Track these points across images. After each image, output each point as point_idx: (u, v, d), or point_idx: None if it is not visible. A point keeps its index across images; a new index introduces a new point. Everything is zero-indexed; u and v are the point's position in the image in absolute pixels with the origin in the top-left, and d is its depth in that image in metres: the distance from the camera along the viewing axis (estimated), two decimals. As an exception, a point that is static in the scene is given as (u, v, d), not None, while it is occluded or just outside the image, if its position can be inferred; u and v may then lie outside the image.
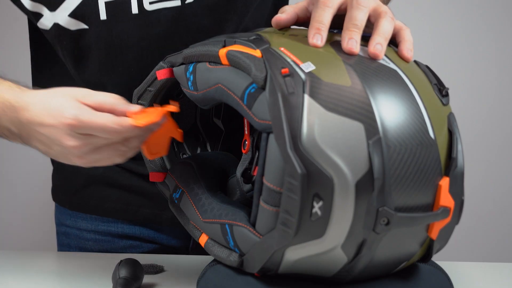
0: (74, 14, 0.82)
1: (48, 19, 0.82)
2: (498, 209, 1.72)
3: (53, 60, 0.91)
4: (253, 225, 0.63)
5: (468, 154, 1.50)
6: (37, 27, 0.86)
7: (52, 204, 1.03)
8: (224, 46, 0.67)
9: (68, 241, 0.99)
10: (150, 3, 0.82)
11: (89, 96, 0.68)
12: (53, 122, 0.68)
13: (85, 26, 0.82)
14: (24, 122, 0.71)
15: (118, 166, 0.93)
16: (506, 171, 1.72)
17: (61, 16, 0.82)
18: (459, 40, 1.71)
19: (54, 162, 1.00)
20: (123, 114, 0.68)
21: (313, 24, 0.64)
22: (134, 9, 0.82)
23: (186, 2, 0.83)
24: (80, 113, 0.67)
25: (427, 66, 0.68)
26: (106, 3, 0.81)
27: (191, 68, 0.72)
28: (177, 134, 0.78)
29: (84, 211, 0.97)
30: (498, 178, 1.72)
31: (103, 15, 0.82)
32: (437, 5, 1.70)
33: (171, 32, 0.84)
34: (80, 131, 0.67)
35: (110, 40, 0.83)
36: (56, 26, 0.83)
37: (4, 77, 0.77)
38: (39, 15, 0.83)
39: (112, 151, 0.70)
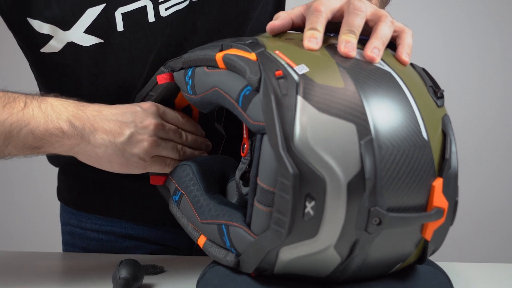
0: (89, 30, 0.80)
1: (60, 40, 0.80)
2: (498, 209, 1.72)
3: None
4: (249, 225, 0.63)
5: (469, 155, 1.50)
6: (36, 56, 0.83)
7: (57, 204, 1.05)
8: (221, 50, 0.68)
9: (73, 241, 1.00)
10: (166, 9, 0.81)
11: None
12: (137, 108, 0.77)
13: (100, 40, 0.81)
14: (90, 115, 0.74)
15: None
16: (506, 171, 1.71)
17: (76, 34, 0.80)
18: (459, 42, 1.70)
19: (59, 162, 1.00)
20: None
21: (307, 30, 0.65)
22: (151, 18, 0.81)
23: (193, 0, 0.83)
24: (160, 106, 0.80)
25: (423, 69, 0.68)
26: (123, 14, 0.80)
27: (190, 73, 0.73)
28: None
29: (89, 211, 0.98)
30: (498, 179, 1.72)
31: (120, 27, 0.80)
32: (438, 6, 1.70)
33: (181, 32, 0.84)
34: (162, 115, 0.79)
35: (128, 50, 0.82)
36: (70, 45, 0.80)
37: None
38: (48, 38, 0.80)
39: (172, 148, 0.79)
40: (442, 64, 1.71)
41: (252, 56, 0.63)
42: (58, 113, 0.73)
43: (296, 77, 0.59)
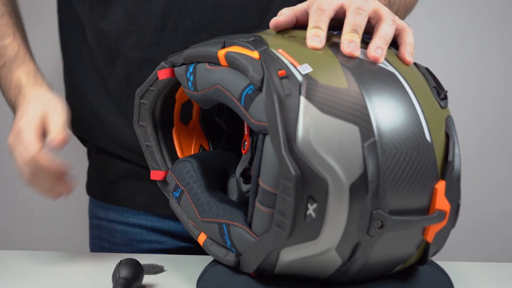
0: None
1: None
2: (498, 209, 1.71)
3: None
4: (249, 225, 0.63)
5: (469, 155, 1.49)
6: None
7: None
8: (223, 47, 0.67)
9: (100, 234, 1.00)
10: None
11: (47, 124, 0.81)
12: (23, 133, 0.80)
13: None
14: (18, 104, 0.85)
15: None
16: (507, 172, 1.71)
17: None
18: (459, 42, 1.70)
19: (90, 157, 1.03)
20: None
21: (310, 28, 0.65)
22: None
23: None
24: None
25: (426, 69, 0.68)
26: None
27: (191, 69, 0.72)
28: (206, 142, 0.86)
29: (116, 203, 0.98)
30: (498, 178, 1.71)
31: None
32: (438, 5, 1.69)
33: None
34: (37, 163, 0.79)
35: None
36: None
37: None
38: None
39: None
40: (442, 63, 1.70)
41: (255, 54, 0.62)
42: (12, 95, 0.86)
43: (299, 77, 0.59)
